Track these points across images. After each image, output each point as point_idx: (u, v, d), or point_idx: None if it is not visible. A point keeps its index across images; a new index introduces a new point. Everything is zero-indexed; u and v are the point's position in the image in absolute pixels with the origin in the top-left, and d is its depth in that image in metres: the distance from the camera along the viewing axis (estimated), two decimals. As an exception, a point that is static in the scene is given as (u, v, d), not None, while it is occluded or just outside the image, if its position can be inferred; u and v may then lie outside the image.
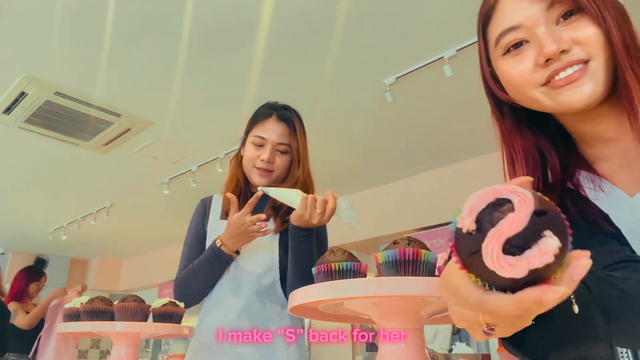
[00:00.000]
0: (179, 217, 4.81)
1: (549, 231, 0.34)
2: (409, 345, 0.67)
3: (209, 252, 1.30)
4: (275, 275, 1.34)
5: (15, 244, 6.05)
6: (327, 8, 2.06)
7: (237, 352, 1.25)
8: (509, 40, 0.68)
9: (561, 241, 0.34)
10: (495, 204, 0.36)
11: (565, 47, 0.64)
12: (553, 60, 0.65)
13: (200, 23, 2.15)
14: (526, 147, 0.75)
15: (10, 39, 2.28)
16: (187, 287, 1.34)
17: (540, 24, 0.66)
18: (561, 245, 0.34)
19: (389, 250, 0.72)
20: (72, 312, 1.32)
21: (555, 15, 0.66)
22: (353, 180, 4.05)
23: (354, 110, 2.93)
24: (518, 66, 0.68)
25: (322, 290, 0.66)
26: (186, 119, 3.03)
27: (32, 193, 4.38)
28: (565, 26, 0.66)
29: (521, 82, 0.68)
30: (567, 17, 0.66)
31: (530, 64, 0.67)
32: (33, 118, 2.96)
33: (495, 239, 0.34)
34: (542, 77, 0.66)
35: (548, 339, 0.45)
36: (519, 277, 0.34)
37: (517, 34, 0.68)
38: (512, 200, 0.35)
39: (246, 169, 1.39)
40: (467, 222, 0.36)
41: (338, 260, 0.72)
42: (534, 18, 0.66)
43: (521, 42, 0.68)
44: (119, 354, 1.21)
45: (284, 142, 1.38)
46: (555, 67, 0.65)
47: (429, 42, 2.29)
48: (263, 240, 1.35)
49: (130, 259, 6.88)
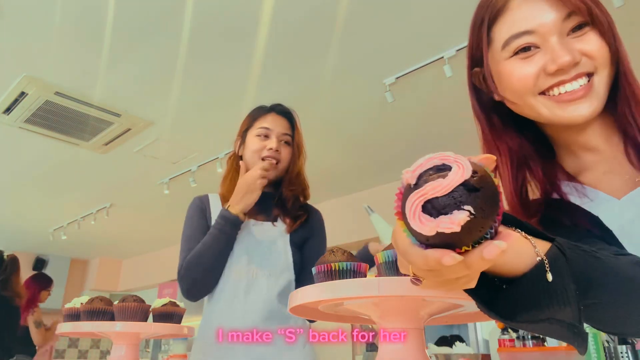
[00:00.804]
0: (179, 217, 4.79)
1: (468, 206, 0.36)
2: (409, 345, 0.67)
3: (217, 219, 1.30)
4: (291, 274, 1.34)
5: (15, 244, 6.05)
6: (327, 8, 2.06)
7: (256, 351, 1.24)
8: (520, 44, 0.68)
9: (477, 218, 0.37)
10: (439, 167, 0.39)
11: (578, 59, 0.65)
12: (563, 71, 0.66)
13: (201, 23, 2.15)
14: (512, 149, 0.76)
15: (10, 39, 2.28)
16: (197, 268, 1.29)
17: (554, 33, 0.66)
18: (471, 220, 0.36)
19: (389, 250, 0.72)
20: (72, 312, 1.32)
21: (569, 26, 0.67)
22: (353, 180, 4.05)
23: (354, 110, 2.93)
24: (524, 69, 0.68)
25: (322, 290, 0.66)
26: (186, 119, 3.03)
27: (32, 193, 4.38)
28: (575, 38, 0.67)
29: (524, 86, 0.69)
30: (577, 30, 0.67)
31: (536, 70, 0.67)
32: (33, 118, 2.96)
33: (417, 196, 0.38)
34: (545, 84, 0.67)
35: (517, 300, 0.47)
36: (428, 235, 0.37)
37: (530, 38, 0.67)
38: (452, 167, 0.38)
39: (251, 162, 1.39)
40: (408, 175, 0.39)
41: (338, 260, 0.72)
42: (550, 26, 0.66)
43: (530, 47, 0.68)
44: (119, 354, 1.21)
45: (288, 133, 1.43)
46: (562, 77, 0.66)
47: (429, 42, 2.29)
48: (275, 241, 1.35)
49: (130, 259, 6.88)
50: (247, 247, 1.33)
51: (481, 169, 0.39)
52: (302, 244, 1.41)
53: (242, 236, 1.34)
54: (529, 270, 0.46)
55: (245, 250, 1.33)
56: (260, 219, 1.40)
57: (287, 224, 1.39)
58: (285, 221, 1.40)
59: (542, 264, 0.46)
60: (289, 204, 1.41)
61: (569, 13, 0.66)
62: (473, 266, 0.39)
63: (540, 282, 0.46)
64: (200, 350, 1.31)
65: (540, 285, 0.46)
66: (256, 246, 1.33)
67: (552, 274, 0.46)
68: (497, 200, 0.38)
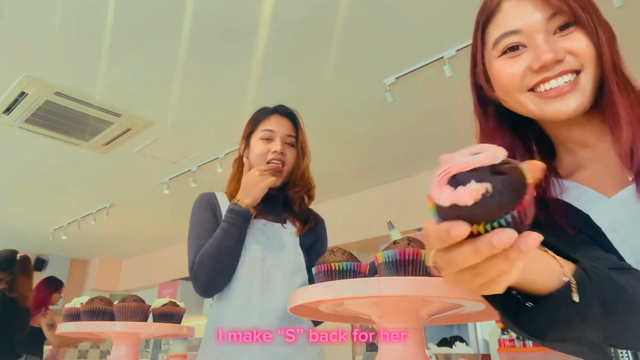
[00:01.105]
0: (179, 217, 4.80)
1: (487, 183, 0.36)
2: (409, 345, 0.67)
3: (227, 214, 1.30)
4: (304, 275, 1.34)
5: (15, 244, 6.02)
6: (327, 8, 2.06)
7: (273, 350, 1.23)
8: (508, 43, 0.72)
9: (492, 198, 0.36)
10: (475, 153, 0.40)
11: (561, 56, 0.68)
12: (547, 68, 0.69)
13: (201, 23, 2.15)
14: (503, 146, 0.78)
15: (10, 39, 2.28)
16: (212, 262, 1.26)
17: (540, 32, 0.70)
18: (486, 198, 0.36)
19: (389, 250, 0.72)
20: (72, 312, 1.32)
21: (555, 25, 0.70)
22: (353, 180, 4.05)
23: (354, 110, 2.93)
24: (512, 68, 0.72)
25: (322, 290, 0.66)
26: (186, 119, 3.03)
27: (32, 193, 4.37)
28: (561, 37, 0.70)
29: (512, 83, 0.72)
30: (564, 29, 0.70)
31: (523, 68, 0.71)
32: (33, 118, 2.96)
33: (444, 169, 0.39)
34: (532, 81, 0.70)
35: (546, 318, 0.48)
36: (444, 205, 0.37)
37: (517, 37, 0.71)
38: (485, 153, 0.39)
39: (256, 165, 1.39)
40: (446, 157, 0.41)
41: (338, 260, 0.72)
42: (535, 26, 0.70)
43: (518, 46, 0.72)
44: (119, 354, 1.21)
45: (291, 135, 1.43)
46: (546, 75, 0.69)
47: (429, 42, 2.29)
48: (287, 242, 1.36)
49: (130, 259, 6.87)
50: (260, 245, 1.32)
51: (516, 163, 0.39)
52: (309, 247, 1.42)
53: (254, 234, 1.33)
54: (557, 289, 0.47)
55: (259, 248, 1.32)
56: (270, 219, 1.40)
57: (297, 227, 1.40)
58: (295, 224, 1.40)
59: (569, 284, 0.47)
60: (296, 205, 1.41)
61: (554, 13, 0.70)
62: (480, 251, 0.38)
63: (570, 302, 0.47)
64: (213, 349, 1.28)
65: (570, 305, 0.47)
66: (268, 244, 1.33)
67: (580, 295, 0.47)
68: (521, 191, 0.38)
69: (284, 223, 1.40)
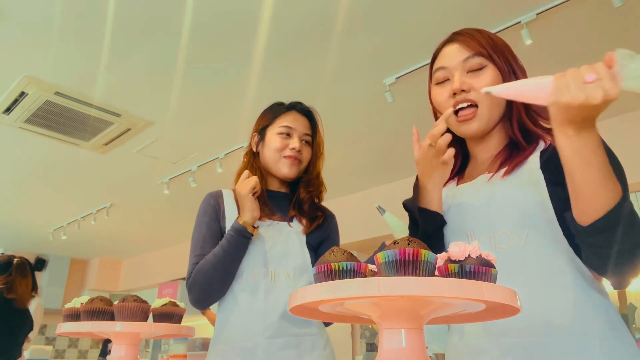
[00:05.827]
0: (179, 217, 4.81)
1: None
2: (409, 345, 0.67)
3: (229, 231, 1.27)
4: (310, 276, 1.32)
5: (15, 244, 6.05)
6: (327, 8, 2.06)
7: (279, 354, 1.23)
8: (439, 76, 1.01)
9: None
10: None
11: (465, 88, 0.96)
12: (457, 94, 0.96)
13: (201, 23, 2.15)
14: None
15: (10, 39, 2.28)
16: (206, 279, 1.26)
17: (458, 70, 0.97)
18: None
19: (389, 250, 0.72)
20: (72, 312, 1.32)
21: (467, 66, 0.97)
22: (353, 180, 4.06)
23: (354, 110, 2.93)
24: (441, 94, 1.00)
25: (322, 290, 0.65)
26: (186, 119, 3.03)
27: (32, 193, 4.38)
28: (472, 74, 0.96)
29: (441, 105, 1.01)
30: (478, 70, 0.96)
31: (446, 95, 0.99)
32: (33, 118, 2.96)
33: None
34: (451, 104, 0.98)
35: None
36: None
37: (444, 72, 1.00)
38: None
39: (272, 160, 1.38)
40: None
41: (338, 260, 0.72)
42: (455, 65, 0.98)
43: (446, 80, 1.00)
44: (119, 354, 1.21)
45: (309, 133, 1.43)
46: (457, 99, 0.97)
47: (429, 42, 2.28)
48: (292, 242, 1.34)
49: (130, 259, 6.87)
50: (264, 248, 1.31)
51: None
52: (317, 246, 1.39)
53: (258, 237, 1.31)
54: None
55: (263, 252, 1.30)
56: (276, 218, 1.37)
57: (303, 225, 1.37)
58: (302, 222, 1.38)
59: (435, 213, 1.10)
60: (306, 205, 1.39)
61: (472, 55, 0.96)
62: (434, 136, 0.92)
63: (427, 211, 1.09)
64: (217, 355, 1.29)
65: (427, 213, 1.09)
66: (272, 246, 1.31)
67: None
68: None
69: (290, 221, 1.38)
